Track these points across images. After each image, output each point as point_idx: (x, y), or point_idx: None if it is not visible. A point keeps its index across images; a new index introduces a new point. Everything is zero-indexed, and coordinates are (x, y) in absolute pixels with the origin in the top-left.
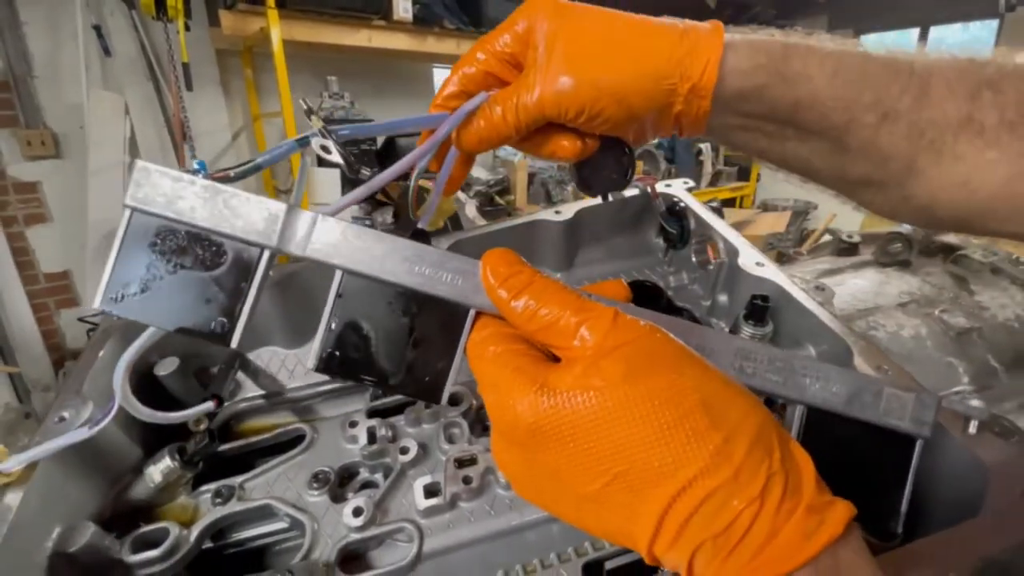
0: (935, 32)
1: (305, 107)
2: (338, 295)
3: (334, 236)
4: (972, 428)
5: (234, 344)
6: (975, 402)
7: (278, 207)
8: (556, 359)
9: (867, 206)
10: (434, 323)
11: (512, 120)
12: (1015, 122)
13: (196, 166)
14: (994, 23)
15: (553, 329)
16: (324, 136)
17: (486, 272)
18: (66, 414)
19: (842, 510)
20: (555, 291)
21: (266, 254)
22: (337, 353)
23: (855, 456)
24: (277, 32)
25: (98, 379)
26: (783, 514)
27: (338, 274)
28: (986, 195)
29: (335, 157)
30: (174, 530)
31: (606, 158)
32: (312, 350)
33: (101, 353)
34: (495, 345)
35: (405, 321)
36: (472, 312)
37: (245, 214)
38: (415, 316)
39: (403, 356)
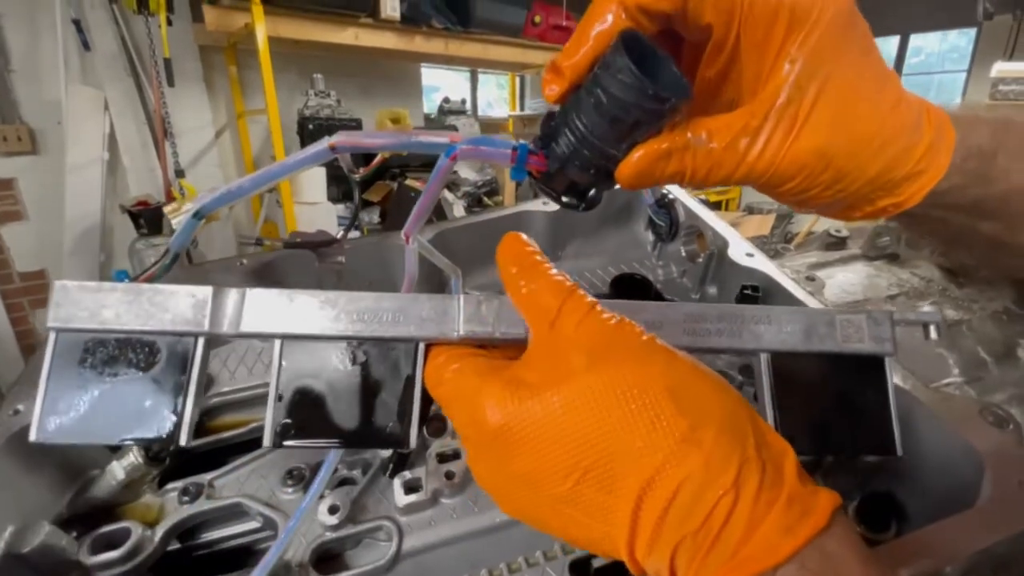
0: (915, 40)
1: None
2: (280, 364)
3: (265, 306)
4: (933, 333)
5: (183, 442)
6: (926, 307)
7: (204, 292)
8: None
9: None
10: (386, 366)
11: (722, 172)
12: None
13: (116, 276)
14: (972, 31)
15: (536, 304)
16: None
17: (502, 245)
18: (21, 407)
19: (826, 500)
20: (549, 272)
21: (200, 341)
22: (291, 424)
23: (834, 395)
24: (262, 29)
25: None
26: (762, 505)
27: (277, 343)
28: None
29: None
30: (136, 530)
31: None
32: (265, 426)
33: None
34: (454, 364)
35: (356, 371)
36: (422, 345)
37: (172, 307)
38: (365, 364)
39: (361, 408)
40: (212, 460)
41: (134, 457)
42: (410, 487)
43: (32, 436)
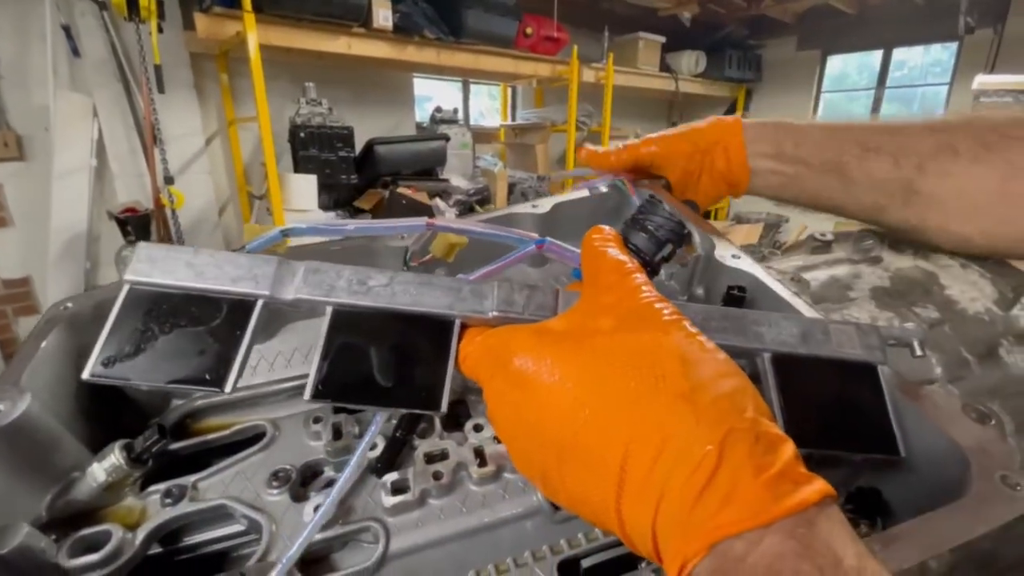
0: (898, 54)
1: None
2: (328, 329)
3: (320, 277)
4: (918, 349)
5: (228, 389)
6: (909, 325)
7: (270, 261)
8: None
9: (899, 233)
10: (424, 338)
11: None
12: (990, 142)
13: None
14: (953, 45)
15: (597, 269)
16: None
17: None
18: (1, 406)
19: (821, 486)
20: (620, 254)
21: (259, 303)
22: (332, 380)
23: (835, 397)
24: (254, 37)
25: (39, 371)
26: (749, 470)
27: (329, 310)
28: (984, 200)
29: None
30: (117, 533)
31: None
32: (308, 381)
33: (44, 344)
34: (483, 337)
35: (396, 340)
36: (458, 321)
37: (240, 272)
38: (406, 334)
39: (398, 373)
40: (196, 463)
41: (116, 459)
42: (397, 488)
43: (85, 374)
